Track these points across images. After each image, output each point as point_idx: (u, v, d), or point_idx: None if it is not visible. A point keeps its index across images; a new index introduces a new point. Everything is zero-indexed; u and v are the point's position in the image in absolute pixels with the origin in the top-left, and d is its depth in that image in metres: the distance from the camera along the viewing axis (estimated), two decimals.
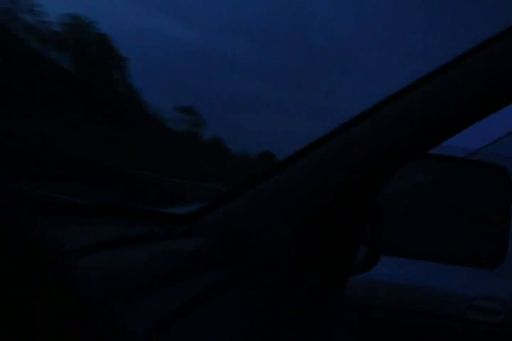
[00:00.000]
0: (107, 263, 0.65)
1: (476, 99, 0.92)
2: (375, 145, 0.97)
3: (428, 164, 2.48)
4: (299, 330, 0.80)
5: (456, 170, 2.52)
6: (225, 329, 0.66)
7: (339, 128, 1.00)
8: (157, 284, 0.66)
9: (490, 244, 2.44)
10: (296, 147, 1.02)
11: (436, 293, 2.30)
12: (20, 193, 0.31)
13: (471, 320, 2.26)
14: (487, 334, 2.24)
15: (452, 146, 2.31)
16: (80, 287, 0.31)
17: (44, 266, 0.30)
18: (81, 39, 17.73)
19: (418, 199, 2.61)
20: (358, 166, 0.98)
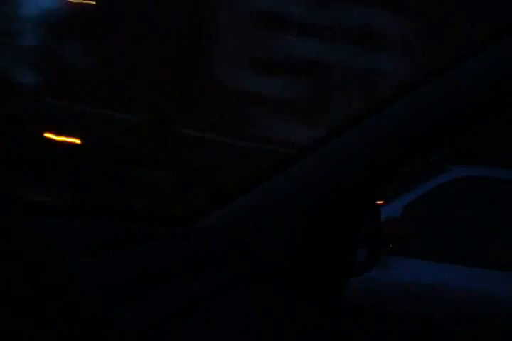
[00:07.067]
0: (106, 264, 0.65)
1: (478, 100, 0.92)
2: (375, 145, 0.97)
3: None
4: (298, 332, 0.80)
5: None
6: (224, 331, 0.66)
7: (339, 128, 1.00)
8: (157, 286, 0.66)
9: None
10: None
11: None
12: (19, 194, 0.31)
13: (469, 320, 2.26)
14: (486, 333, 2.25)
15: None
16: (78, 288, 0.31)
17: (43, 266, 0.30)
18: None
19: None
20: (359, 166, 0.98)
